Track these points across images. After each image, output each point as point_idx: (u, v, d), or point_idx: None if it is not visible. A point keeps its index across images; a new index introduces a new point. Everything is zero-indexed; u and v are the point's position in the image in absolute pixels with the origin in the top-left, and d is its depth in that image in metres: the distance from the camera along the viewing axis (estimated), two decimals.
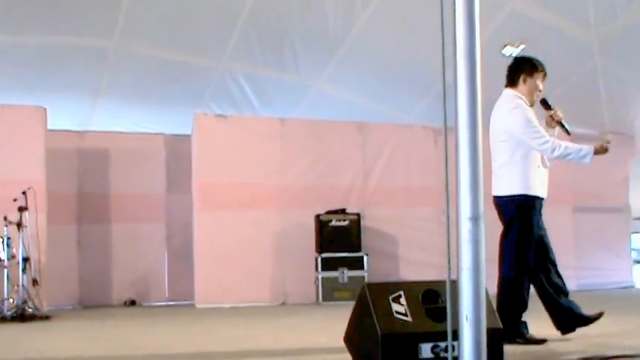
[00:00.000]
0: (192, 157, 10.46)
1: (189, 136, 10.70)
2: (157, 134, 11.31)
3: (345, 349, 4.34)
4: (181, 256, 10.78)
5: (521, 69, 5.37)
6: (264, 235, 10.36)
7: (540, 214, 5.27)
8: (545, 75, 5.39)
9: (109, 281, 10.64)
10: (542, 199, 5.29)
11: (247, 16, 9.58)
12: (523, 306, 5.13)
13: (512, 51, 9.70)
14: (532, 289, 5.29)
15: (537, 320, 5.21)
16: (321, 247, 10.23)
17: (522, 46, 9.63)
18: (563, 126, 5.45)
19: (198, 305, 9.85)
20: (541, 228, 5.28)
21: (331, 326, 6.14)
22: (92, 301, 10.34)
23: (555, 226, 11.99)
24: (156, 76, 10.73)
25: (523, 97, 5.31)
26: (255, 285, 10.16)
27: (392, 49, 10.22)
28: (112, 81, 10.72)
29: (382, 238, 10.90)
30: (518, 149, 5.18)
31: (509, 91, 5.39)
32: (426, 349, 3.90)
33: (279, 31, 9.96)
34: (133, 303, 10.59)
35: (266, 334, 6.49)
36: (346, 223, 10.36)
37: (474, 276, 2.95)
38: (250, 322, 7.80)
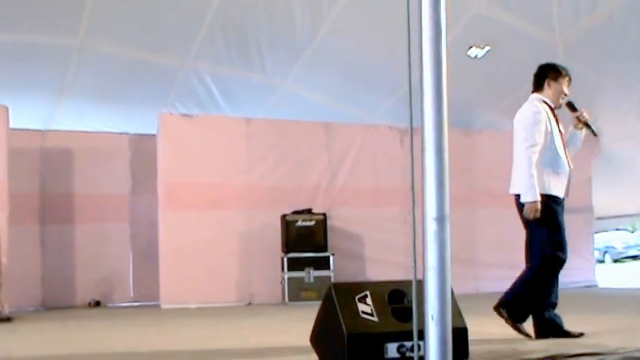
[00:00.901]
0: (158, 156, 10.39)
1: (154, 135, 10.63)
2: (121, 134, 11.22)
3: (312, 349, 4.34)
4: (146, 256, 10.71)
5: (547, 74, 5.54)
6: (230, 235, 10.32)
7: (561, 214, 5.34)
8: (570, 79, 5.53)
9: (73, 282, 10.53)
10: (561, 198, 5.35)
11: (213, 16, 9.53)
12: (549, 302, 5.28)
13: (478, 52, 9.78)
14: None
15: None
16: (287, 247, 10.22)
17: (488, 48, 9.71)
18: (589, 127, 5.54)
19: (163, 306, 9.79)
20: (564, 237, 5.36)
21: (297, 326, 6.13)
22: (55, 303, 10.22)
23: (519, 226, 12.19)
24: (121, 75, 10.64)
25: (547, 100, 5.46)
26: (220, 285, 10.12)
27: (358, 50, 10.24)
28: (76, 80, 10.59)
29: (348, 238, 10.92)
30: None
31: (533, 96, 5.58)
32: (392, 348, 3.91)
33: (245, 30, 9.93)
34: (97, 304, 10.49)
35: (232, 334, 6.46)
36: (312, 223, 10.36)
37: (439, 276, 2.97)
38: (216, 322, 7.76)
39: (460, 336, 3.94)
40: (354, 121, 11.57)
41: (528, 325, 5.28)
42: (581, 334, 5.14)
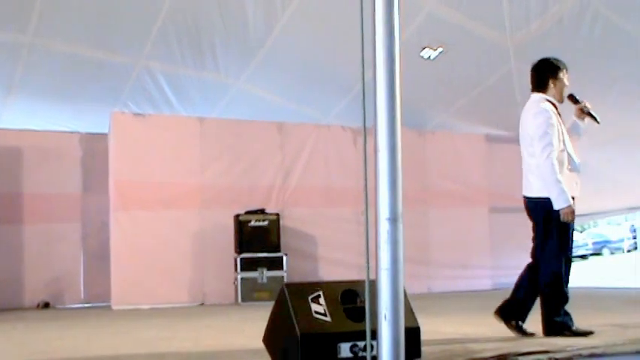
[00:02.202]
0: (110, 156, 10.26)
1: (106, 134, 10.50)
2: (72, 132, 11.05)
3: (264, 349, 4.32)
4: (98, 256, 10.56)
5: (548, 73, 5.50)
6: (183, 235, 10.25)
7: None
8: (567, 70, 5.53)
9: (21, 283, 10.32)
10: (574, 197, 5.34)
11: (166, 14, 9.46)
12: (565, 299, 5.27)
13: (431, 53, 9.86)
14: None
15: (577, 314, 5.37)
16: (240, 247, 10.18)
17: (441, 49, 9.79)
18: (592, 116, 5.55)
19: (114, 307, 9.67)
20: (572, 233, 5.41)
21: (250, 327, 6.12)
22: (3, 304, 10.00)
23: (472, 226, 12.40)
24: (71, 73, 10.48)
25: (551, 99, 5.43)
26: (173, 285, 10.04)
27: (312, 50, 10.25)
28: (25, 77, 10.42)
29: (301, 239, 10.92)
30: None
31: (535, 96, 5.51)
32: (345, 348, 3.92)
33: (198, 29, 9.87)
34: (46, 305, 10.31)
35: (184, 335, 6.41)
36: (265, 223, 10.34)
37: (392, 276, 2.98)
38: (169, 323, 7.69)
39: (413, 335, 3.96)
40: (307, 121, 11.58)
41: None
42: (590, 332, 5.18)
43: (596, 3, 8.50)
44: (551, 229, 5.31)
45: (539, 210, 5.35)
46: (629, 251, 32.79)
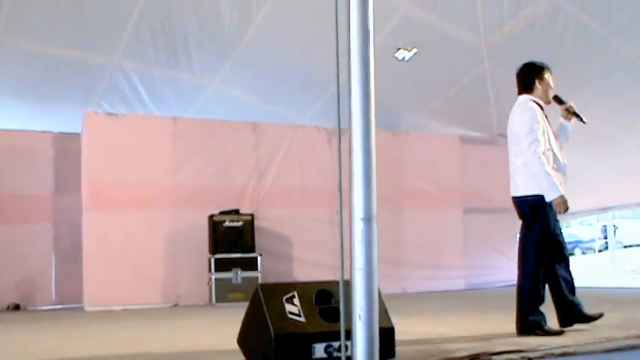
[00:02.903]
0: (82, 155, 10.19)
1: (79, 134, 10.42)
2: (44, 132, 10.93)
3: (239, 350, 4.31)
4: (70, 257, 10.46)
5: (533, 74, 5.62)
6: (156, 235, 10.20)
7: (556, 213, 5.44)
8: (551, 72, 5.63)
9: None
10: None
11: (140, 14, 9.40)
12: (540, 299, 5.32)
13: (405, 55, 9.89)
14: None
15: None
16: (214, 247, 10.15)
17: (415, 51, 9.82)
18: (578, 116, 5.65)
19: (87, 308, 9.60)
20: (556, 227, 5.47)
21: (224, 327, 6.09)
22: None
23: (445, 227, 12.46)
24: (43, 72, 10.37)
25: (538, 100, 5.54)
26: (146, 286, 9.99)
27: (287, 50, 10.25)
28: None
29: (276, 239, 10.91)
30: None
31: (522, 97, 5.63)
32: (319, 349, 3.92)
33: (172, 29, 9.82)
34: (17, 307, 10.20)
35: (158, 336, 6.38)
36: (240, 223, 10.32)
37: (366, 276, 2.99)
38: (142, 324, 7.65)
39: (387, 336, 3.97)
40: (282, 121, 11.57)
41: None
42: (601, 315, 5.39)
43: (568, 6, 8.58)
44: (533, 227, 5.41)
45: (525, 207, 5.46)
46: (600, 251, 33.12)
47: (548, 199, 5.28)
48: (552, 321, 5.37)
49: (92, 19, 9.52)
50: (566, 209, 5.31)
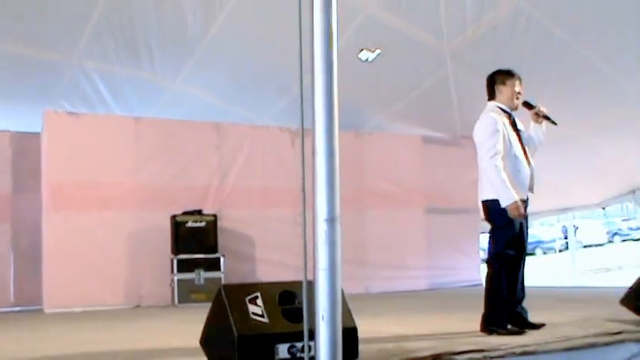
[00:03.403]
0: (42, 155, 10.06)
1: (38, 133, 10.28)
2: (2, 131, 10.76)
3: (202, 351, 4.29)
4: (29, 258, 10.29)
5: (495, 80, 5.77)
6: (118, 236, 10.10)
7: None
8: (519, 79, 5.74)
9: None
10: (524, 200, 5.55)
11: (101, 12, 9.29)
12: (502, 299, 5.43)
13: (369, 56, 9.91)
14: None
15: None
16: (176, 248, 10.09)
17: (379, 52, 9.86)
18: (549, 118, 5.77)
19: (46, 310, 9.48)
20: (522, 232, 5.57)
21: (187, 328, 6.06)
22: None
23: (408, 227, 12.52)
24: (2, 70, 10.21)
25: (502, 106, 5.69)
26: (108, 288, 9.89)
27: (250, 51, 10.22)
28: None
29: (239, 240, 10.87)
30: None
31: (489, 104, 5.79)
32: (282, 349, 3.92)
33: (134, 28, 9.72)
34: None
35: (119, 337, 6.32)
36: (202, 224, 10.27)
37: (330, 276, 2.99)
38: (103, 325, 7.58)
39: (350, 336, 3.98)
40: (245, 121, 11.53)
41: None
42: (542, 325, 5.48)
43: (529, 9, 8.68)
44: (495, 231, 5.59)
45: (487, 211, 5.61)
46: (560, 251, 33.60)
47: (502, 204, 5.39)
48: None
49: (52, 17, 9.39)
50: (520, 214, 5.41)
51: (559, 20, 8.74)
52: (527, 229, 5.72)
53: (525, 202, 5.60)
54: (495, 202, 5.46)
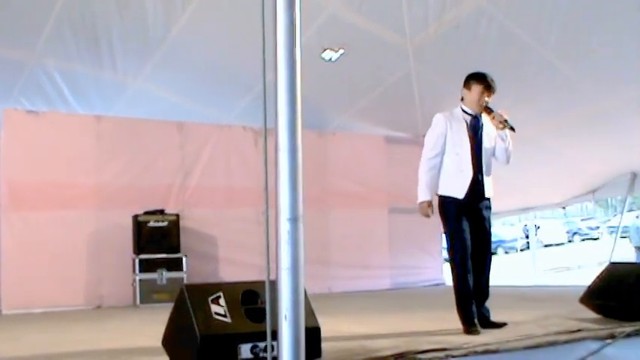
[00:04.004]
0: (0, 154, 9.90)
1: None
2: None
3: (164, 351, 4.26)
4: None
5: (464, 84, 5.91)
6: (78, 236, 9.98)
7: (465, 213, 5.68)
8: (487, 86, 5.81)
9: None
10: (460, 199, 5.69)
11: (61, 8, 9.18)
12: (465, 295, 5.53)
13: (332, 55, 9.92)
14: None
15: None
16: (138, 248, 10.00)
17: (342, 51, 9.86)
18: (506, 123, 5.84)
19: (4, 311, 9.32)
20: (464, 229, 5.66)
21: (149, 329, 6.00)
22: None
23: (371, 226, 12.54)
24: None
25: (466, 108, 5.86)
26: (68, 288, 9.76)
27: (213, 49, 10.17)
28: None
29: (202, 239, 10.81)
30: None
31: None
32: (245, 349, 3.91)
33: (95, 26, 9.62)
34: None
35: (80, 338, 6.25)
36: (165, 223, 10.20)
37: (293, 276, 2.99)
38: (63, 326, 7.49)
39: (313, 335, 3.98)
40: (208, 120, 11.47)
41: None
42: (504, 324, 5.59)
43: (491, 8, 8.74)
44: (444, 225, 5.81)
45: (439, 208, 5.81)
46: (521, 250, 34.00)
47: (418, 200, 5.74)
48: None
49: (11, 14, 9.25)
50: (426, 214, 5.73)
51: (520, 20, 8.81)
52: (487, 227, 5.78)
53: (463, 201, 5.67)
54: (442, 198, 5.74)
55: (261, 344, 3.89)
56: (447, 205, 5.70)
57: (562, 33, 8.74)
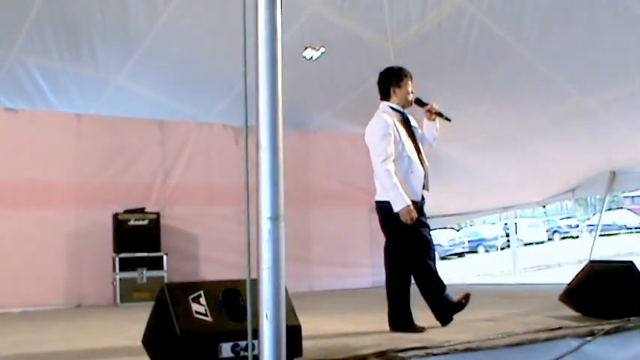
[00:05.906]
0: None
1: None
2: None
3: (144, 351, 4.24)
4: None
5: (390, 81, 5.81)
6: (58, 234, 9.92)
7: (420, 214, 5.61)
8: (411, 78, 5.82)
9: None
10: (418, 201, 5.63)
11: (41, 5, 9.12)
12: (403, 299, 5.61)
13: (313, 54, 9.91)
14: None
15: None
16: (118, 246, 9.96)
17: (323, 50, 9.86)
18: (442, 115, 5.83)
19: None
20: (417, 229, 5.61)
21: (130, 328, 5.98)
22: None
23: (353, 225, 12.55)
24: None
25: (395, 106, 5.76)
26: (47, 287, 9.69)
27: (194, 47, 10.13)
28: None
29: (182, 238, 10.78)
30: None
31: (381, 105, 5.86)
32: (226, 348, 3.89)
33: (76, 22, 9.56)
34: None
35: (59, 337, 6.21)
36: (145, 222, 10.16)
37: (274, 275, 2.99)
38: (42, 326, 7.44)
39: (294, 334, 3.98)
40: (189, 119, 11.44)
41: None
42: (467, 295, 5.64)
43: (472, 9, 8.76)
44: (393, 232, 5.66)
45: (381, 213, 5.71)
46: (502, 249, 34.18)
47: (395, 209, 5.49)
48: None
49: None
50: (412, 219, 5.49)
51: (501, 20, 8.84)
52: (427, 226, 5.78)
53: (420, 202, 5.68)
54: (388, 204, 5.55)
55: (242, 343, 3.88)
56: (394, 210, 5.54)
57: (542, 33, 8.78)
